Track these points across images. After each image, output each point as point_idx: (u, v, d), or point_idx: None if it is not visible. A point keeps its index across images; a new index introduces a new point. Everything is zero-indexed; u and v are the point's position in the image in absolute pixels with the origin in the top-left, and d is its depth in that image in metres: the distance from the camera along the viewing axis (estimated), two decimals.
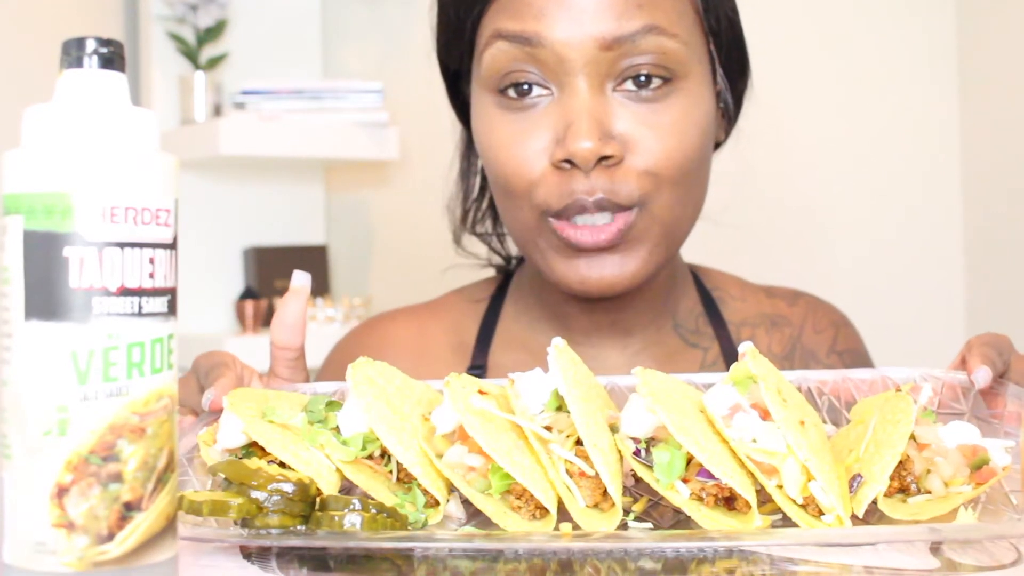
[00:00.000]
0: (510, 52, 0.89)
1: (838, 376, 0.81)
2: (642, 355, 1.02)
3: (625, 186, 0.88)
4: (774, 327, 1.06)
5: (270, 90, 2.36)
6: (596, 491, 0.63)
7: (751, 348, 0.67)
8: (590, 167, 0.87)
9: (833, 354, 1.07)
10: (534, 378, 0.68)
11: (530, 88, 0.89)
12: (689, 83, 0.90)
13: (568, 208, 0.88)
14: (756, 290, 1.10)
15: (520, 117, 0.90)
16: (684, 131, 0.89)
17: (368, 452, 0.68)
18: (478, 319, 1.07)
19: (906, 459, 0.65)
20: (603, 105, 0.88)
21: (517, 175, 0.90)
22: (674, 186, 0.89)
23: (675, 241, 0.94)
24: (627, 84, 0.88)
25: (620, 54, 0.87)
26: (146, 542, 0.50)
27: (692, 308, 1.05)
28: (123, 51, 0.52)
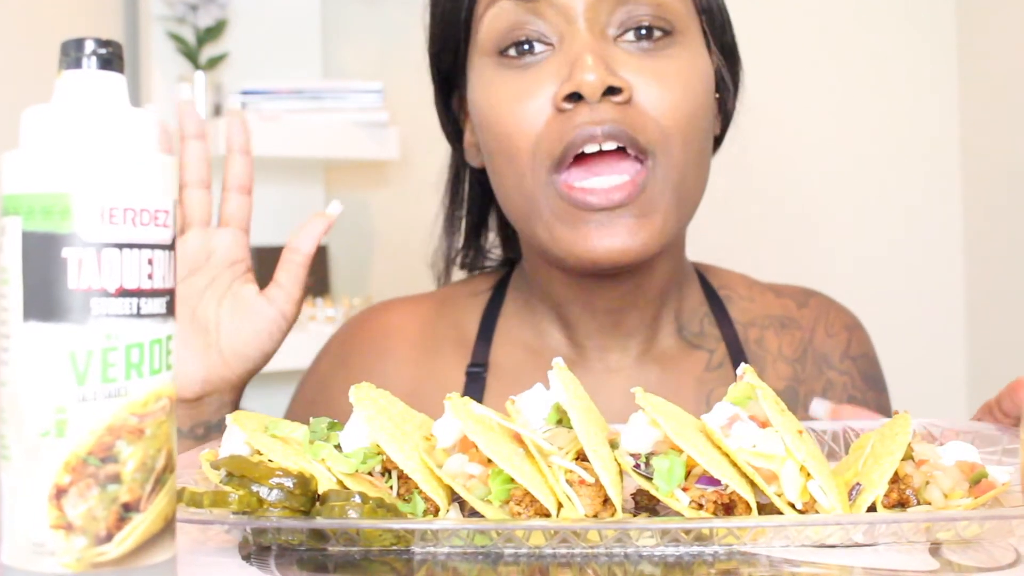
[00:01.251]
0: (510, 10, 0.88)
1: (838, 426, 0.83)
2: (644, 357, 1.00)
3: (637, 127, 0.85)
4: (784, 329, 1.04)
5: (270, 90, 2.36)
6: (596, 499, 0.63)
7: (749, 368, 0.68)
8: (597, 98, 0.84)
9: (847, 359, 1.05)
10: (534, 394, 0.69)
11: (531, 46, 0.89)
12: (688, 39, 0.89)
13: (573, 143, 0.85)
14: (764, 289, 1.08)
15: (521, 74, 0.89)
16: (687, 82, 0.88)
17: (369, 468, 0.68)
18: (479, 313, 1.05)
19: (904, 475, 0.65)
20: (606, 49, 0.87)
21: (520, 131, 0.88)
22: (684, 142, 0.87)
23: (687, 211, 0.91)
24: (628, 35, 0.88)
25: (618, 3, 0.87)
26: (145, 543, 0.50)
27: (696, 308, 1.03)
28: (122, 52, 0.52)
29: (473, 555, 0.62)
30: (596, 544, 0.62)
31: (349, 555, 0.63)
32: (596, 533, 0.61)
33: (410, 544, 0.62)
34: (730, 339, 1.02)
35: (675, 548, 0.62)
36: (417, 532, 0.62)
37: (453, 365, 1.03)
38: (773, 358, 1.02)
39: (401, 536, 0.62)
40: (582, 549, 0.62)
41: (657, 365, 1.00)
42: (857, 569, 0.59)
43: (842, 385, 1.03)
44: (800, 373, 1.02)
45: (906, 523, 0.62)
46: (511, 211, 0.94)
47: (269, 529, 0.63)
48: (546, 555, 0.62)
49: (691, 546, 0.62)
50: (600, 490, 0.63)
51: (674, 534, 0.61)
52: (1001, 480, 0.67)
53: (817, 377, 1.02)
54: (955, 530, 0.63)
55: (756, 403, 0.65)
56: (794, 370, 1.02)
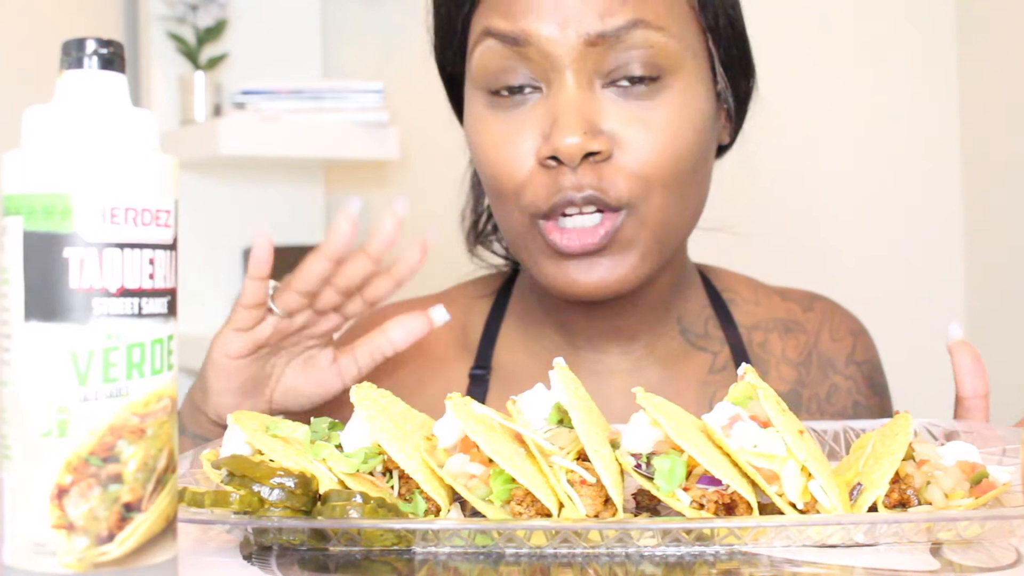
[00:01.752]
0: (499, 51, 0.88)
1: (839, 426, 0.83)
2: (646, 360, 0.99)
3: (613, 186, 0.86)
4: (788, 333, 1.04)
5: (270, 90, 2.35)
6: (597, 500, 0.63)
7: (750, 368, 0.68)
8: (576, 163, 0.85)
9: (852, 364, 1.04)
10: (536, 394, 0.69)
11: (521, 88, 0.88)
12: (681, 80, 0.88)
13: (555, 207, 0.86)
14: (769, 292, 1.07)
15: (509, 116, 0.89)
16: (676, 130, 0.87)
17: (370, 468, 0.68)
18: (483, 316, 1.05)
19: (905, 475, 0.65)
20: (591, 101, 0.86)
21: (505, 176, 0.89)
22: (665, 188, 0.87)
23: (668, 245, 0.91)
24: (619, 81, 0.87)
25: (606, 49, 0.85)
26: (146, 543, 0.50)
27: (700, 311, 1.02)
28: (123, 52, 0.52)
29: (474, 555, 0.62)
30: (597, 544, 0.62)
31: (350, 555, 0.63)
32: (597, 533, 0.61)
33: (411, 544, 0.62)
34: (734, 342, 1.01)
35: (676, 548, 0.62)
36: (418, 532, 0.62)
37: (456, 368, 1.03)
38: (777, 361, 1.02)
39: (402, 536, 0.62)
40: (583, 549, 0.62)
41: (659, 367, 1.00)
42: (858, 569, 0.59)
43: (847, 390, 1.03)
44: (804, 377, 1.02)
45: (907, 523, 0.62)
46: (504, 235, 0.96)
47: (270, 529, 0.63)
48: (547, 555, 0.62)
49: (692, 546, 0.62)
50: (601, 490, 0.63)
51: (675, 534, 0.61)
52: (1002, 480, 0.67)
53: (821, 381, 1.02)
54: (956, 530, 0.63)
55: (757, 403, 0.65)
56: (798, 373, 1.02)
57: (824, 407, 1.01)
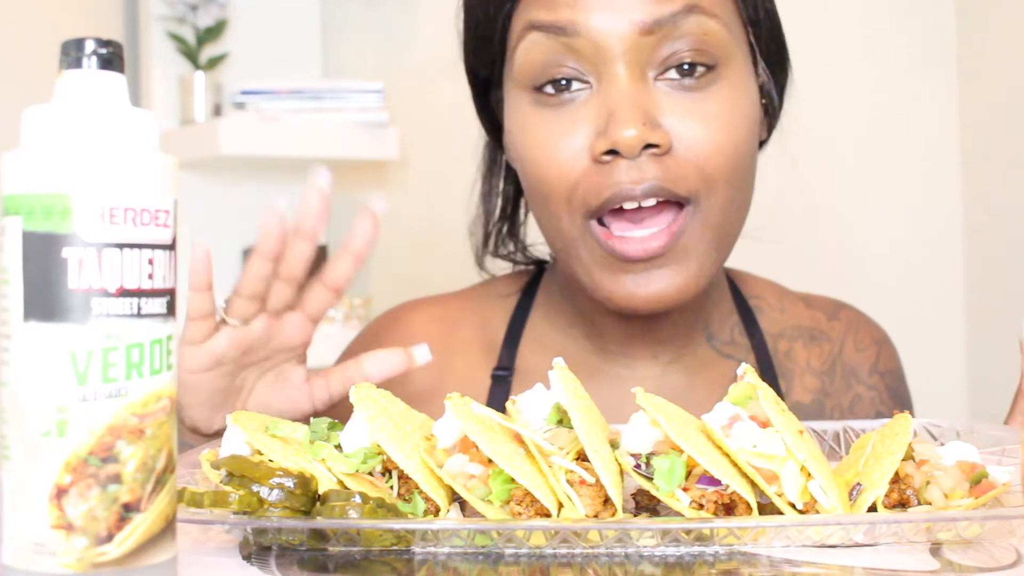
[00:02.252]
0: (545, 44, 0.84)
1: (839, 426, 0.83)
2: (674, 366, 0.98)
3: (677, 178, 0.82)
4: (813, 341, 1.02)
5: (270, 90, 2.35)
6: (596, 500, 0.63)
7: (750, 368, 0.68)
8: (636, 154, 0.81)
9: (875, 374, 1.03)
10: (535, 394, 0.69)
11: (568, 83, 0.85)
12: (732, 70, 0.85)
13: (610, 200, 0.83)
14: (795, 300, 1.05)
15: (558, 115, 0.85)
16: (732, 121, 0.84)
17: (369, 468, 0.68)
18: (507, 315, 1.02)
19: (905, 475, 0.65)
20: (646, 94, 0.83)
21: (556, 176, 0.85)
22: (728, 184, 0.84)
23: (726, 249, 0.89)
24: (670, 73, 0.84)
25: (660, 38, 0.83)
26: (145, 543, 0.50)
27: (727, 318, 1.01)
28: (122, 52, 0.52)
29: (474, 555, 0.62)
30: (597, 544, 0.62)
31: (350, 555, 0.63)
32: (597, 533, 0.61)
33: (411, 544, 0.62)
34: (760, 350, 1.00)
35: (676, 548, 0.62)
36: (418, 532, 0.62)
37: (478, 367, 1.01)
38: (801, 370, 1.00)
39: (402, 536, 0.62)
40: (583, 549, 0.62)
41: (685, 374, 0.98)
42: (858, 569, 0.59)
43: (870, 400, 1.01)
44: (828, 386, 1.01)
45: (907, 523, 0.62)
46: (551, 246, 0.93)
47: (270, 529, 0.63)
48: (547, 555, 0.62)
49: (692, 546, 0.62)
50: (601, 490, 0.63)
51: (675, 534, 0.61)
52: (1002, 480, 0.67)
53: (845, 391, 1.01)
54: (956, 530, 0.63)
55: (757, 403, 0.65)
56: (822, 383, 1.01)
57: (847, 417, 1.00)
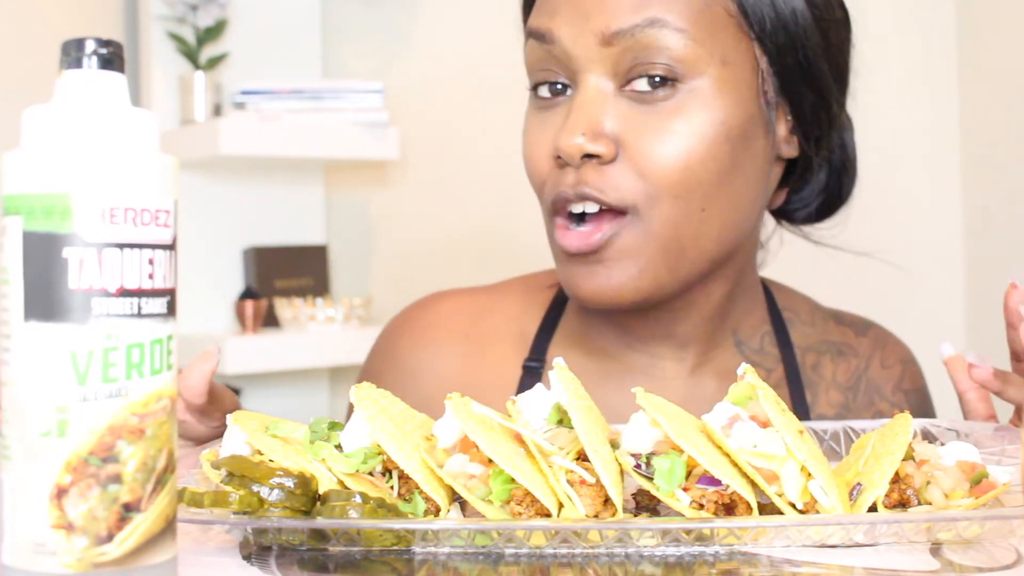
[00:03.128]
0: (537, 50, 0.90)
1: (839, 426, 0.83)
2: (701, 369, 0.98)
3: (614, 188, 0.85)
4: (840, 356, 1.03)
5: (270, 90, 2.35)
6: (597, 500, 0.63)
7: (750, 368, 0.68)
8: (576, 163, 0.86)
9: (899, 392, 1.04)
10: (535, 394, 0.69)
11: (563, 88, 0.90)
12: (703, 88, 0.85)
13: (555, 202, 0.88)
14: (826, 315, 1.07)
15: (541, 116, 0.91)
16: (690, 139, 0.85)
17: (369, 468, 0.68)
18: (543, 308, 1.04)
19: (905, 475, 0.65)
20: (601, 103, 0.86)
21: (531, 172, 0.92)
22: (676, 199, 0.85)
23: (683, 260, 0.88)
24: (636, 84, 0.86)
25: (622, 50, 0.85)
26: (145, 543, 0.50)
27: (758, 326, 1.01)
28: (122, 52, 0.52)
29: (474, 555, 0.62)
30: (597, 544, 0.62)
31: (350, 555, 0.63)
32: (597, 533, 0.61)
33: (411, 544, 0.62)
34: (789, 361, 1.00)
35: (676, 548, 0.62)
36: (418, 532, 0.62)
37: (509, 359, 1.01)
38: (827, 385, 1.01)
39: (402, 536, 0.62)
40: (583, 549, 0.62)
41: (714, 378, 0.98)
42: (858, 569, 0.59)
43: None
44: (851, 402, 1.01)
45: (907, 523, 0.62)
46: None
47: (270, 529, 0.63)
48: (547, 555, 0.62)
49: (692, 546, 0.62)
50: (601, 490, 0.63)
51: (675, 534, 0.61)
52: (1002, 480, 0.67)
53: (867, 407, 1.02)
54: (956, 530, 0.63)
55: (757, 403, 0.65)
56: (845, 398, 1.01)
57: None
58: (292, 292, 2.51)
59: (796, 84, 0.91)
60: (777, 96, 0.90)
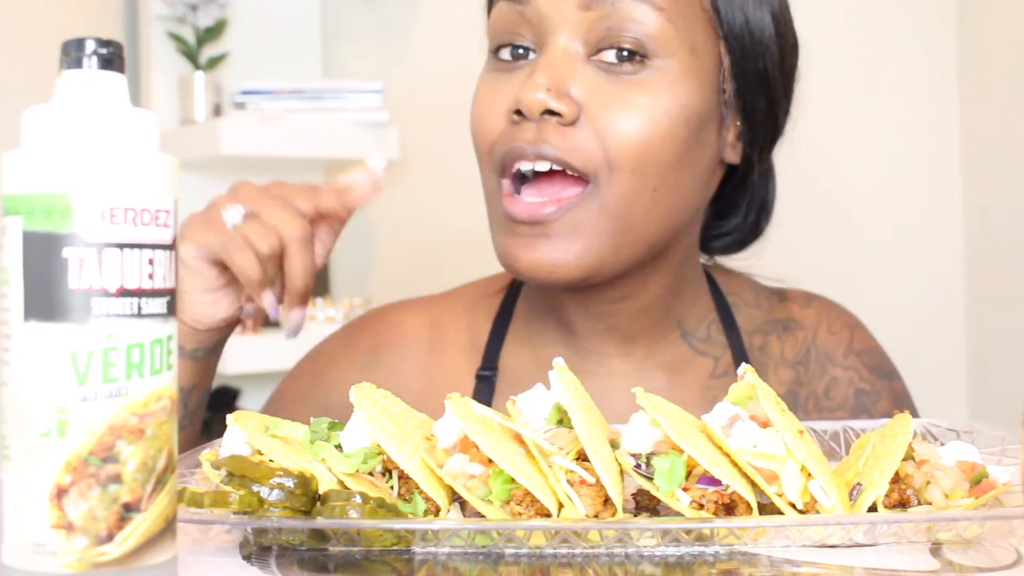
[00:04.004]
0: (507, 13, 0.89)
1: (839, 426, 0.83)
2: (647, 363, 0.98)
3: (576, 151, 0.84)
4: (786, 332, 1.03)
5: (270, 90, 2.35)
6: (597, 500, 0.63)
7: (750, 368, 0.68)
8: (536, 117, 0.84)
9: (851, 355, 1.03)
10: (535, 394, 0.69)
11: (525, 52, 0.89)
12: (671, 68, 0.86)
13: (508, 153, 0.86)
14: (770, 294, 1.06)
15: (499, 78, 0.90)
16: (653, 114, 0.85)
17: (369, 468, 0.68)
18: (491, 315, 1.03)
19: (905, 475, 0.65)
20: (570, 66, 0.86)
21: (480, 133, 0.89)
22: (632, 173, 0.85)
23: (628, 240, 0.88)
24: (604, 55, 0.86)
25: (599, 16, 0.85)
26: (145, 543, 0.50)
27: (704, 315, 1.01)
28: (123, 52, 0.52)
29: (474, 555, 0.62)
30: (597, 544, 0.62)
31: (350, 555, 0.63)
32: (597, 533, 0.61)
33: (411, 544, 0.63)
34: (736, 347, 1.00)
35: (676, 548, 0.62)
36: (418, 532, 0.62)
37: (463, 368, 1.01)
38: (775, 364, 1.01)
39: (402, 536, 0.62)
40: (583, 549, 0.62)
41: (662, 372, 0.98)
42: (858, 569, 0.59)
43: (847, 380, 1.02)
44: (802, 375, 1.02)
45: (907, 523, 0.62)
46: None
47: (270, 529, 0.63)
48: (547, 555, 0.62)
49: (692, 546, 0.62)
50: (601, 490, 0.63)
51: (675, 534, 0.61)
52: (1002, 480, 0.67)
53: (820, 376, 1.02)
54: (956, 530, 0.63)
55: (757, 403, 0.65)
56: (796, 373, 1.02)
57: (822, 403, 1.01)
58: None
59: (752, 90, 0.93)
60: (734, 98, 0.92)
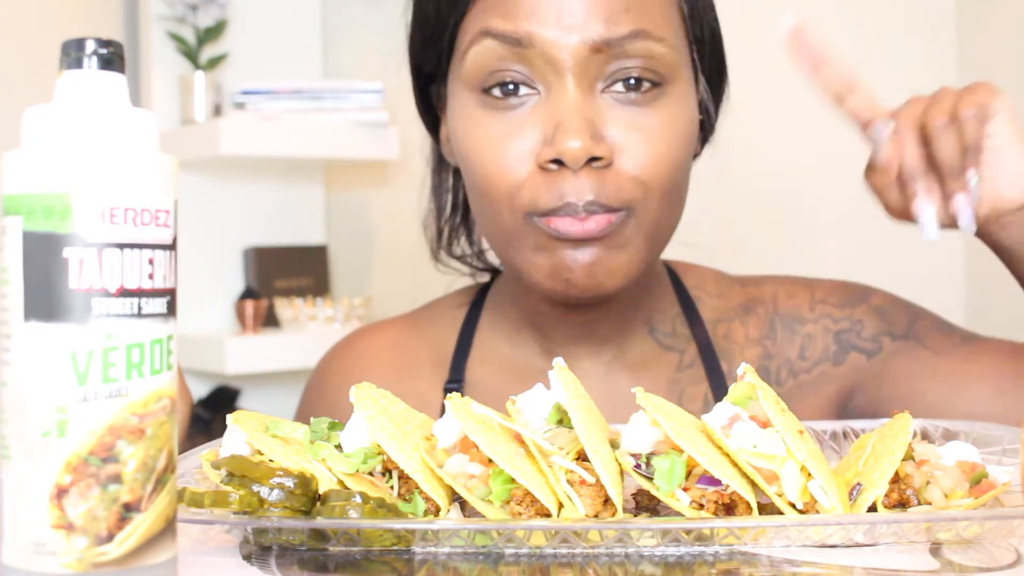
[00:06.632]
0: (497, 51, 0.87)
1: (839, 426, 0.83)
2: (615, 363, 1.00)
3: (616, 191, 0.86)
4: (747, 313, 1.04)
5: (270, 90, 2.35)
6: (597, 500, 0.63)
7: (750, 368, 0.68)
8: (579, 167, 0.85)
9: (816, 304, 1.04)
10: (535, 394, 0.69)
11: (516, 88, 0.88)
12: (677, 88, 0.89)
13: (557, 211, 0.86)
14: (732, 283, 1.07)
15: (505, 117, 0.88)
16: (672, 137, 0.88)
17: (369, 468, 0.68)
18: (457, 329, 1.05)
19: (905, 475, 0.65)
20: (593, 107, 0.87)
21: (500, 177, 0.88)
22: (663, 195, 0.88)
23: (657, 247, 0.93)
24: (616, 87, 0.87)
25: (609, 56, 0.86)
26: (145, 543, 0.50)
27: (668, 310, 1.03)
28: (123, 52, 0.52)
29: (474, 555, 0.62)
30: (597, 544, 0.62)
31: (350, 555, 0.63)
32: (597, 533, 0.61)
33: (411, 544, 0.63)
34: (700, 338, 1.01)
35: (676, 548, 0.62)
36: (418, 532, 0.62)
37: (431, 384, 1.02)
38: (741, 347, 1.02)
39: (402, 536, 0.62)
40: (583, 549, 0.62)
41: (629, 371, 0.99)
42: (858, 569, 0.59)
43: (822, 330, 1.02)
44: (770, 348, 1.02)
45: (907, 523, 0.62)
46: (488, 237, 0.95)
47: (270, 529, 0.63)
48: (547, 555, 0.62)
49: (692, 546, 0.62)
50: (601, 490, 0.63)
51: (675, 534, 0.61)
52: (1002, 480, 0.67)
53: (791, 341, 1.02)
54: (956, 530, 0.63)
55: (757, 403, 0.65)
56: (763, 348, 1.02)
57: (796, 366, 1.01)
58: (292, 292, 2.51)
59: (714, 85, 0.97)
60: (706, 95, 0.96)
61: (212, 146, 2.23)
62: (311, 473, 0.65)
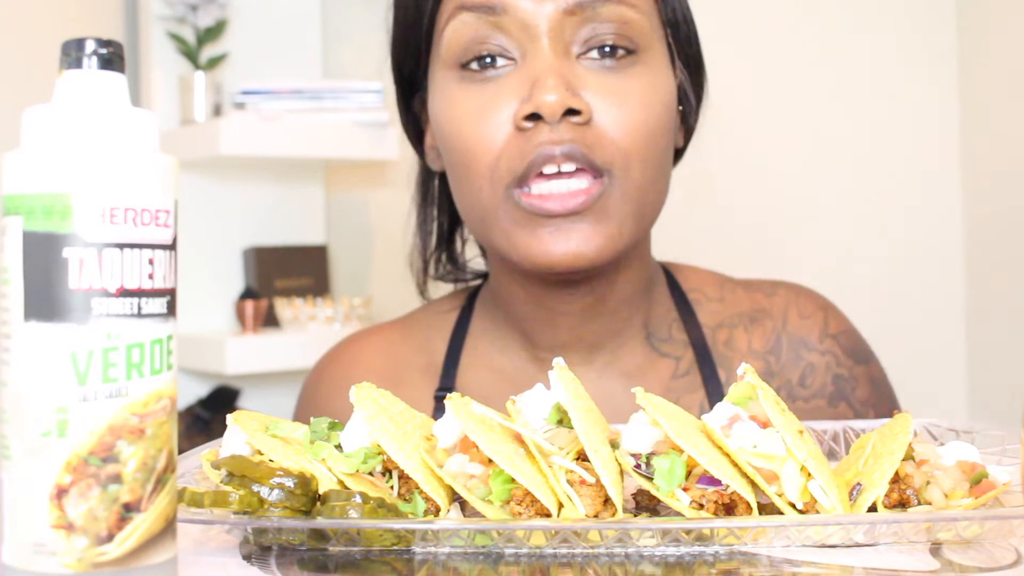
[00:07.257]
0: (473, 24, 0.88)
1: (839, 426, 0.83)
2: (608, 370, 0.98)
3: (598, 146, 0.85)
4: (753, 323, 1.01)
5: (270, 90, 2.35)
6: (597, 499, 0.63)
7: (750, 368, 0.68)
8: (557, 120, 0.85)
9: (827, 338, 1.01)
10: (535, 394, 0.69)
11: (493, 60, 0.88)
12: (652, 58, 0.90)
13: (533, 164, 0.85)
14: (734, 286, 1.05)
15: (482, 88, 0.89)
16: (649, 103, 0.88)
17: (369, 468, 0.68)
18: (447, 334, 1.04)
19: (905, 475, 0.65)
20: (569, 67, 0.87)
21: (481, 147, 0.88)
22: (644, 162, 0.87)
23: (645, 222, 0.91)
24: (591, 53, 0.88)
25: (583, 19, 0.87)
26: (145, 543, 0.50)
27: (665, 314, 1.00)
28: (123, 52, 0.52)
29: (474, 555, 0.62)
30: (597, 544, 0.62)
31: (350, 555, 0.63)
32: (597, 533, 0.61)
33: (411, 544, 0.63)
34: (697, 344, 0.99)
35: (676, 548, 0.62)
36: (418, 532, 0.62)
37: (422, 391, 1.01)
38: (742, 357, 1.00)
39: (402, 536, 0.62)
40: (583, 549, 0.62)
41: (623, 378, 0.98)
42: (858, 569, 0.59)
43: (824, 365, 1.00)
44: (773, 365, 1.00)
45: (907, 523, 0.62)
46: (468, 219, 0.94)
47: (270, 529, 0.63)
48: (547, 555, 0.62)
49: (692, 546, 0.62)
50: (601, 490, 0.63)
51: (675, 534, 0.61)
52: (1002, 480, 0.67)
53: (795, 363, 1.00)
54: (956, 530, 0.63)
55: (757, 403, 0.65)
56: (766, 363, 1.00)
57: (796, 392, 0.99)
58: (292, 292, 2.51)
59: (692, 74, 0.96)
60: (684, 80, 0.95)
61: (212, 146, 2.23)
62: (311, 473, 0.65)
